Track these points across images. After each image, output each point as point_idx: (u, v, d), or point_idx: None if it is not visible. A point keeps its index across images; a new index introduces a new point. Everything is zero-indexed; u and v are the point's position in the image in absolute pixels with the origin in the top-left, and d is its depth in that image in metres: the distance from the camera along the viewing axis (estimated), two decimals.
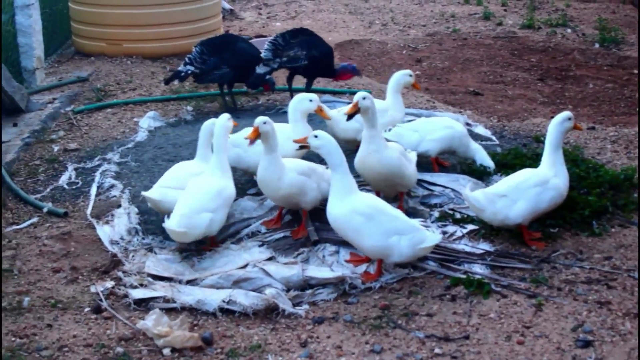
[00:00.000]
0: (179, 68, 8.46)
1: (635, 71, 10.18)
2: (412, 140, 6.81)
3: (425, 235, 5.40)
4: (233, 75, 8.39)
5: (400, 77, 7.23)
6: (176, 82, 8.73)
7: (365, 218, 5.34)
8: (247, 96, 8.79)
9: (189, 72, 8.36)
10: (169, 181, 6.12)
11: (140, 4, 10.31)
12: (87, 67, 10.12)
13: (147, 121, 8.26)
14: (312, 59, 8.37)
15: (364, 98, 5.84)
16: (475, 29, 12.22)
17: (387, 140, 6.34)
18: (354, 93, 8.77)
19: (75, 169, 7.22)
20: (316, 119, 7.08)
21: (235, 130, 6.27)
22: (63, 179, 7.05)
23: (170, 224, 5.59)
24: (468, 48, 11.24)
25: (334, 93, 9.07)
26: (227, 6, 13.08)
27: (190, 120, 8.41)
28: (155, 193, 6.01)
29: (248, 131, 6.01)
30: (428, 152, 6.81)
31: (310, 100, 6.62)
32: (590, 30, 11.98)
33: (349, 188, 5.42)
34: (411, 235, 5.35)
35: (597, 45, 11.24)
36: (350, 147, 6.82)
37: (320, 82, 9.36)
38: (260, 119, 5.80)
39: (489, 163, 6.83)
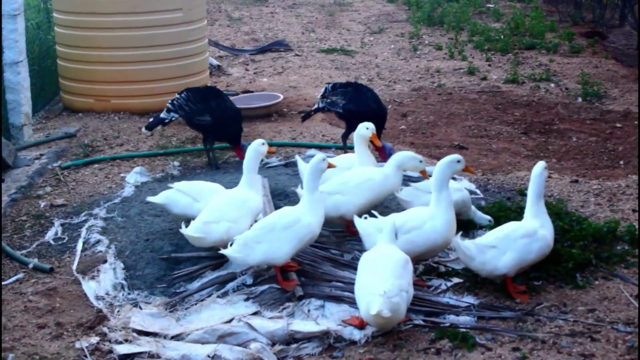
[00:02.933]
0: (161, 115, 8.62)
1: (618, 125, 10.29)
2: (425, 201, 6.50)
3: (374, 302, 5.18)
4: (213, 125, 8.50)
5: (359, 129, 7.24)
6: (159, 127, 8.90)
7: (360, 268, 5.52)
8: (231, 151, 8.84)
9: (173, 118, 8.62)
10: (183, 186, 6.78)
11: (128, 61, 10.40)
12: (75, 123, 10.17)
13: (134, 176, 8.28)
14: (346, 111, 8.56)
15: None
16: (460, 83, 12.34)
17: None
18: (339, 148, 8.93)
19: (62, 225, 7.23)
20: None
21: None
22: (49, 235, 7.06)
23: (188, 230, 6.04)
24: (453, 102, 11.34)
25: (320, 147, 9.12)
26: (215, 62, 13.19)
27: (176, 175, 8.43)
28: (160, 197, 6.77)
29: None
30: None
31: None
32: (573, 84, 12.11)
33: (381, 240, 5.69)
34: (368, 301, 5.22)
35: (579, 100, 11.35)
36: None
37: (314, 137, 9.46)
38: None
39: (485, 217, 6.89)
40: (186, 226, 6.17)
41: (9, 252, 6.71)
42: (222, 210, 6.25)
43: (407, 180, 7.79)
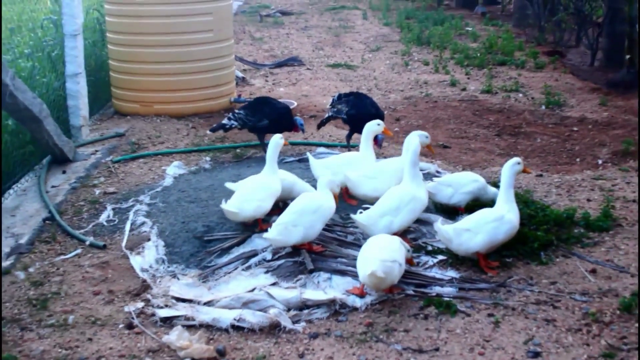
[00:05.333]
0: (224, 121, 8.60)
1: (575, 128, 10.23)
2: (446, 194, 6.73)
3: (370, 264, 5.25)
4: (270, 125, 8.45)
5: (370, 126, 7.15)
6: (221, 131, 8.85)
7: (362, 248, 5.58)
8: (255, 148, 8.83)
9: (233, 126, 8.57)
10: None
11: (168, 73, 10.37)
12: (124, 124, 10.15)
13: (173, 169, 8.27)
14: (350, 116, 8.50)
15: None
16: (443, 93, 12.29)
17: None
18: (344, 146, 8.88)
19: (113, 209, 7.21)
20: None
21: None
22: (103, 217, 7.04)
23: (226, 206, 6.17)
24: (438, 109, 11.30)
25: (327, 146, 9.08)
26: (240, 75, 13.13)
27: (208, 168, 8.41)
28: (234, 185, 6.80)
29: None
30: (459, 204, 6.78)
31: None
32: (538, 94, 12.04)
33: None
34: (366, 264, 5.29)
35: (543, 107, 11.29)
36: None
37: (317, 137, 9.41)
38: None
39: (495, 190, 6.80)
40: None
41: (70, 231, 6.70)
42: (252, 191, 6.38)
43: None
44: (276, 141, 6.67)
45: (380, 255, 5.27)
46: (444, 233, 5.82)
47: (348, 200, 7.00)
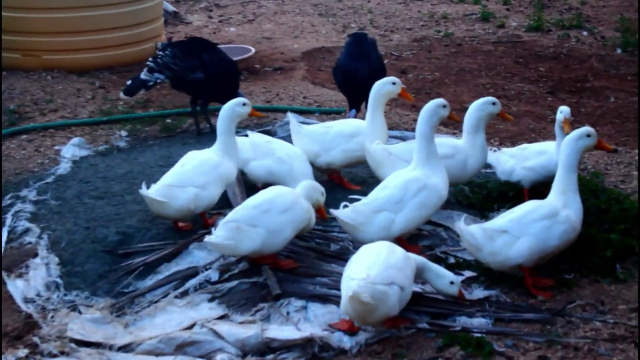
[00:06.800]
0: (142, 76, 8.54)
1: None
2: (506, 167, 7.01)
3: (352, 284, 5.22)
4: (205, 83, 8.45)
5: (381, 87, 7.09)
6: (142, 91, 8.81)
7: (350, 260, 5.56)
8: (191, 118, 8.81)
9: (158, 80, 8.56)
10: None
11: (62, 7, 10.29)
12: None
13: (71, 149, 8.23)
14: (333, 71, 8.70)
15: None
16: (471, 32, 12.29)
17: None
18: (325, 112, 8.87)
19: None
20: None
21: None
22: None
23: (148, 192, 6.15)
24: (463, 56, 11.30)
25: (300, 112, 9.06)
26: (170, 8, 13.08)
27: (124, 147, 8.38)
28: None
29: None
30: (522, 183, 6.93)
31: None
32: (611, 32, 12.08)
33: None
34: (347, 286, 5.28)
35: (619, 51, 11.33)
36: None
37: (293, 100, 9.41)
38: None
39: None
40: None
41: None
42: (189, 173, 6.36)
43: None
44: (231, 107, 6.59)
45: (366, 273, 5.22)
46: (469, 237, 5.80)
47: (348, 185, 7.05)
